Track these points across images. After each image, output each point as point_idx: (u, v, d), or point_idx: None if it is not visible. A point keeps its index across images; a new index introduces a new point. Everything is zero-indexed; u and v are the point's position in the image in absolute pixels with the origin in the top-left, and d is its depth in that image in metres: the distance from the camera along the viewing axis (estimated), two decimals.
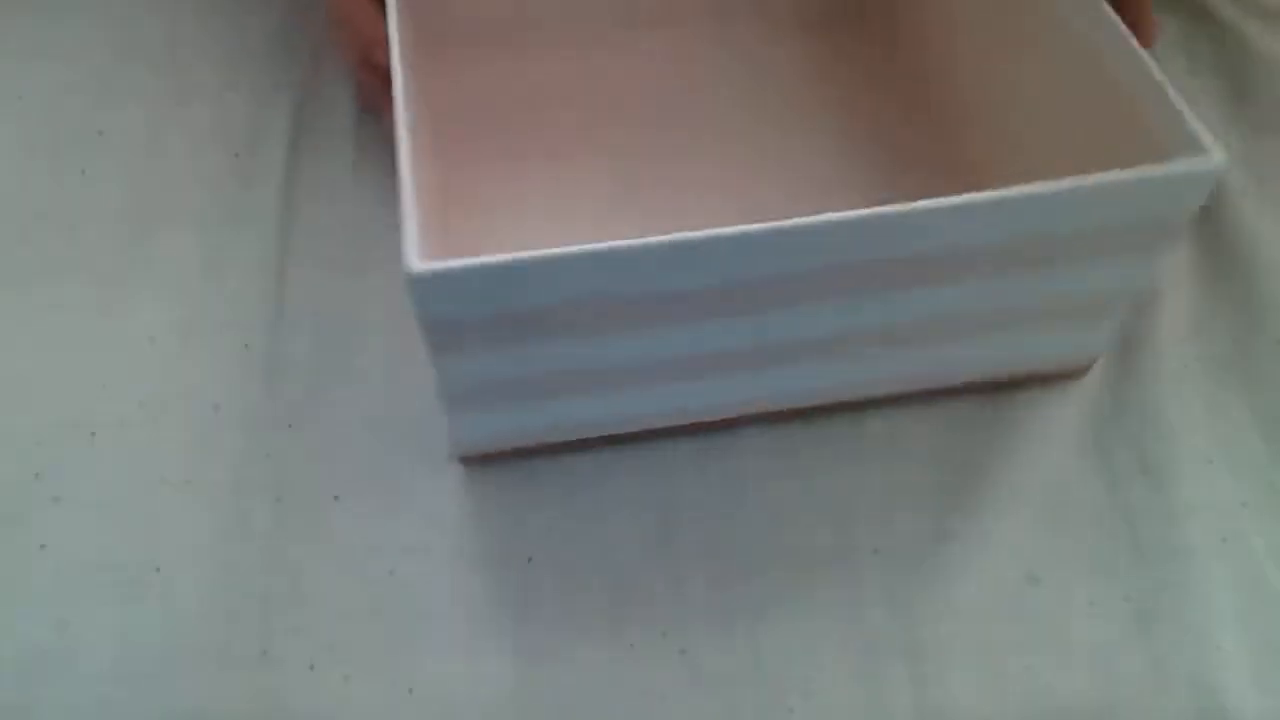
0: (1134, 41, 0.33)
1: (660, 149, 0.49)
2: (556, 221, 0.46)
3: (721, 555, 0.39)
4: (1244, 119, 0.53)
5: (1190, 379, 0.44)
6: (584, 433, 0.40)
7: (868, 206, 0.31)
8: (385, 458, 0.41)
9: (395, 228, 0.31)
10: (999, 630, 0.38)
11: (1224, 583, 0.39)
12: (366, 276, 0.45)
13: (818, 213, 0.31)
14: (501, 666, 0.37)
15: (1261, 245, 0.48)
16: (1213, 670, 0.37)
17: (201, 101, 0.51)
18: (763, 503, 0.40)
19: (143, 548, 0.39)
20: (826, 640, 0.38)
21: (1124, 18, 0.35)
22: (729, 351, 0.36)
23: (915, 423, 0.42)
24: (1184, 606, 0.39)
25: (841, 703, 0.37)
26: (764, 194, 0.47)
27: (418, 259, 0.29)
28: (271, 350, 0.43)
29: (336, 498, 0.40)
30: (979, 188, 0.31)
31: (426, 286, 0.30)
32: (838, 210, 0.31)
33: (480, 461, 0.40)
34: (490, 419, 0.37)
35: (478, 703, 0.36)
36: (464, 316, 0.32)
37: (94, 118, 0.50)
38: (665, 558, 0.39)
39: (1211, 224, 0.49)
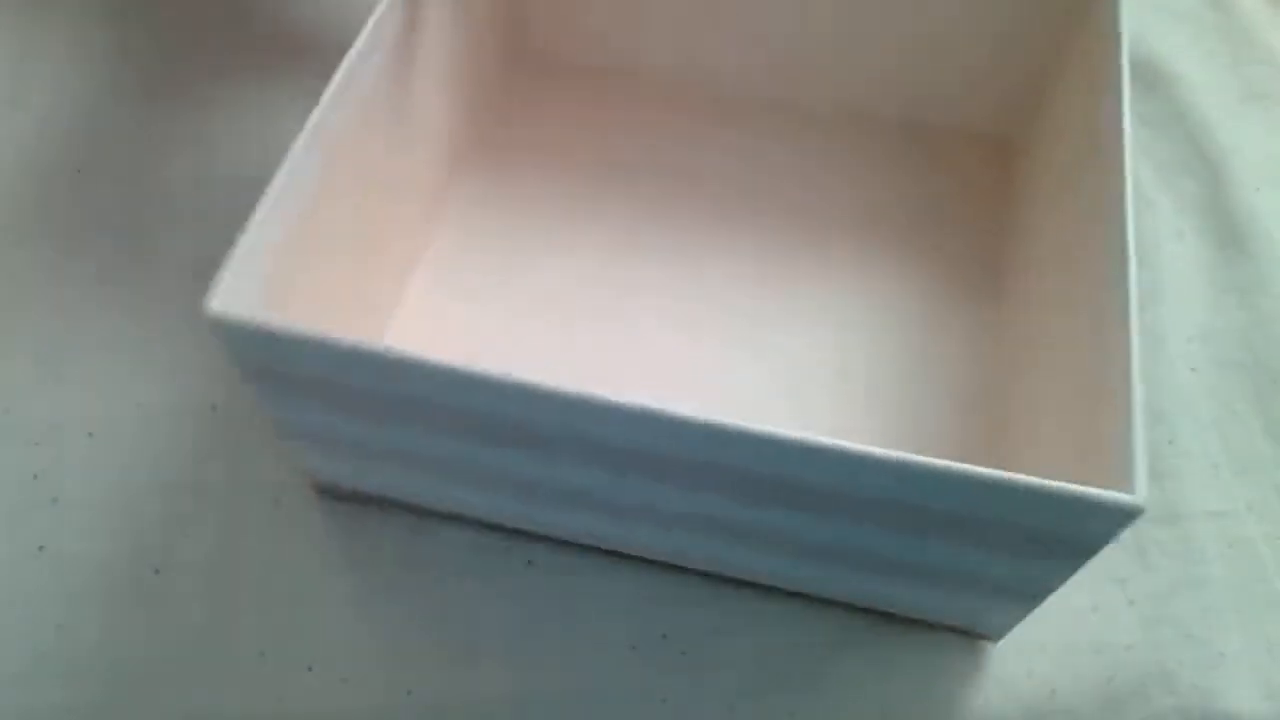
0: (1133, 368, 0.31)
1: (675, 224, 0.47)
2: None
3: None
4: (1254, 114, 0.52)
5: (1197, 381, 0.44)
6: (416, 501, 0.39)
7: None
8: None
9: None
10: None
11: (1229, 587, 0.39)
12: None
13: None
14: (501, 668, 0.37)
15: (1272, 244, 0.47)
16: (1217, 676, 0.37)
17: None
18: None
19: (141, 548, 0.39)
20: (827, 643, 0.37)
21: None
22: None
23: None
24: (1188, 611, 0.39)
25: (843, 707, 0.36)
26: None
27: (219, 301, 0.30)
28: None
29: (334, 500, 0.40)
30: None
31: (220, 329, 0.30)
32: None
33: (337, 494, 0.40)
34: (316, 457, 0.37)
35: (477, 704, 0.36)
36: (263, 364, 0.32)
37: (89, 121, 0.50)
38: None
39: (1222, 221, 0.48)
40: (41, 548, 0.39)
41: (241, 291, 0.31)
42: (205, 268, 0.45)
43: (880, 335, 0.44)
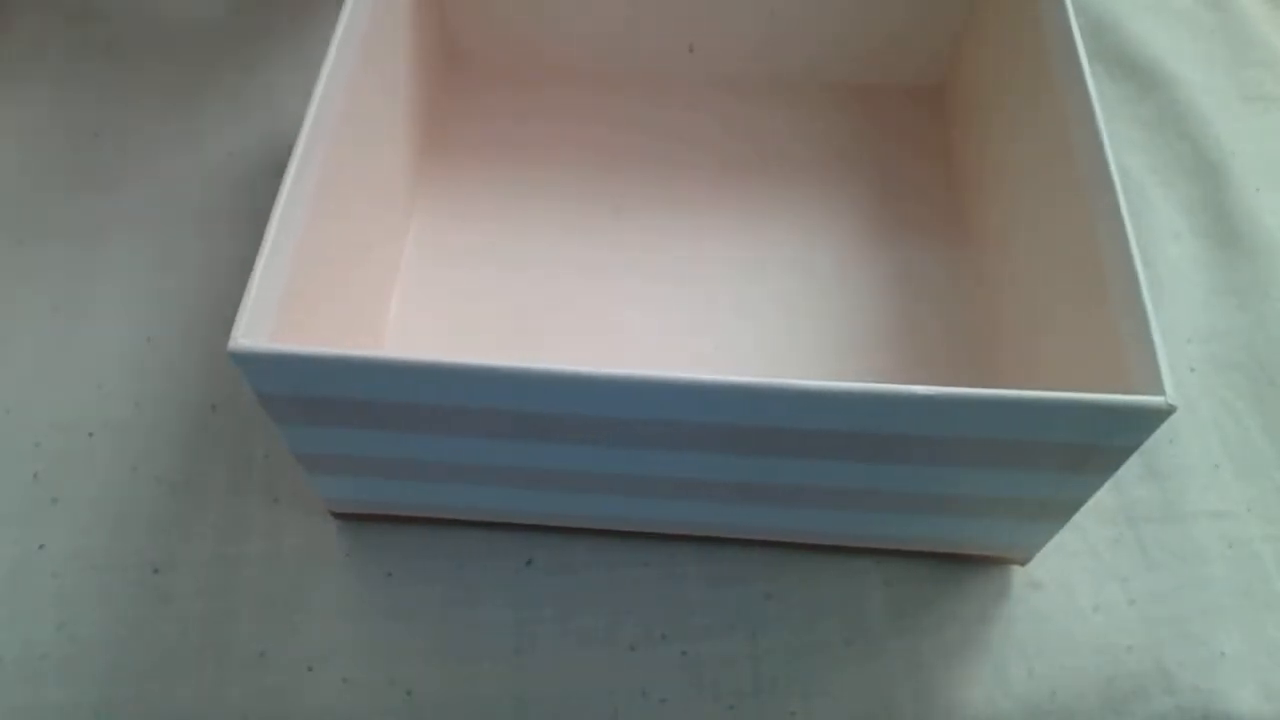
0: (1137, 264, 0.31)
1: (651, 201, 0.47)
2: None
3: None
4: (1254, 114, 0.52)
5: (1196, 381, 0.44)
6: (445, 514, 0.39)
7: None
8: None
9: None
10: (1001, 634, 0.38)
11: (1229, 588, 0.39)
12: None
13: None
14: (501, 668, 0.37)
15: (1272, 245, 0.47)
16: (1217, 676, 0.37)
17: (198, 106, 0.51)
18: None
19: (141, 548, 0.39)
20: (828, 644, 0.37)
21: None
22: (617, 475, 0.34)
23: None
24: (1188, 611, 0.38)
25: (843, 707, 0.36)
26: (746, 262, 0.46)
27: (244, 336, 0.29)
28: None
29: None
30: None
31: (247, 364, 0.30)
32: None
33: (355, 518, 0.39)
34: (345, 483, 0.37)
35: (477, 704, 0.36)
36: (293, 394, 0.31)
37: (91, 118, 0.50)
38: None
39: (1221, 222, 0.48)
40: (41, 547, 0.39)
41: (261, 324, 0.31)
42: (207, 266, 0.45)
43: (861, 282, 0.45)
